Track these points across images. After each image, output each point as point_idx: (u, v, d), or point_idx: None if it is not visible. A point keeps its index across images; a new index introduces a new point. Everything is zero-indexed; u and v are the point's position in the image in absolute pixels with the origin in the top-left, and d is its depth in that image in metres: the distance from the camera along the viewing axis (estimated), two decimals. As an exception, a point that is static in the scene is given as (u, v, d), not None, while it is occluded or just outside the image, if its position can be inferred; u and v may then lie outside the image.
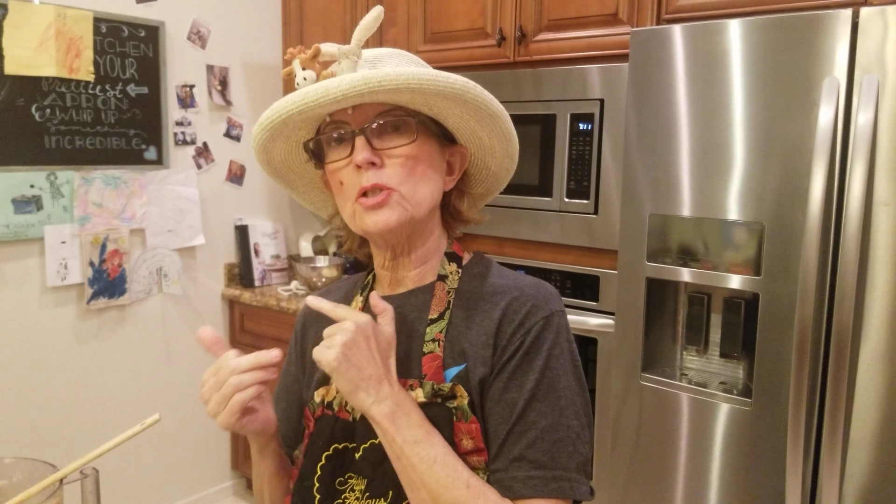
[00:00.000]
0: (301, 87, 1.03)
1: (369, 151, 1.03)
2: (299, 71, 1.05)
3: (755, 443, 2.00)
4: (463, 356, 1.07)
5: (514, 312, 1.07)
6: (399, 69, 0.98)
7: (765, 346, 1.97)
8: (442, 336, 1.09)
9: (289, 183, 1.25)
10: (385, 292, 1.18)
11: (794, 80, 1.88)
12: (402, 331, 1.11)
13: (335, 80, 0.98)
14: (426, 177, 1.09)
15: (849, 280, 1.77)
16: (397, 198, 1.05)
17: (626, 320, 2.24)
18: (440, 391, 1.03)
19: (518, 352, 1.05)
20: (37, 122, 2.93)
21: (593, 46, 2.54)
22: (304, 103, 0.99)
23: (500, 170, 1.22)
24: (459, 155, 1.15)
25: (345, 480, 1.05)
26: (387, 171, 1.04)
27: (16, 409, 2.98)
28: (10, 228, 2.87)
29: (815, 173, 1.80)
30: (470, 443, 1.02)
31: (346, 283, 1.32)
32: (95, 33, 3.06)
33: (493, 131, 1.12)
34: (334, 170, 1.08)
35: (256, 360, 1.02)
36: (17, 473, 0.95)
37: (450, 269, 1.16)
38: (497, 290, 1.12)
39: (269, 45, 3.86)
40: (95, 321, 3.21)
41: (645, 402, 2.21)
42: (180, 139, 3.45)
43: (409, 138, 1.05)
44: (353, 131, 1.04)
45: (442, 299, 1.12)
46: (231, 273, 3.78)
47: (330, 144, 1.08)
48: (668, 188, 2.12)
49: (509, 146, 1.16)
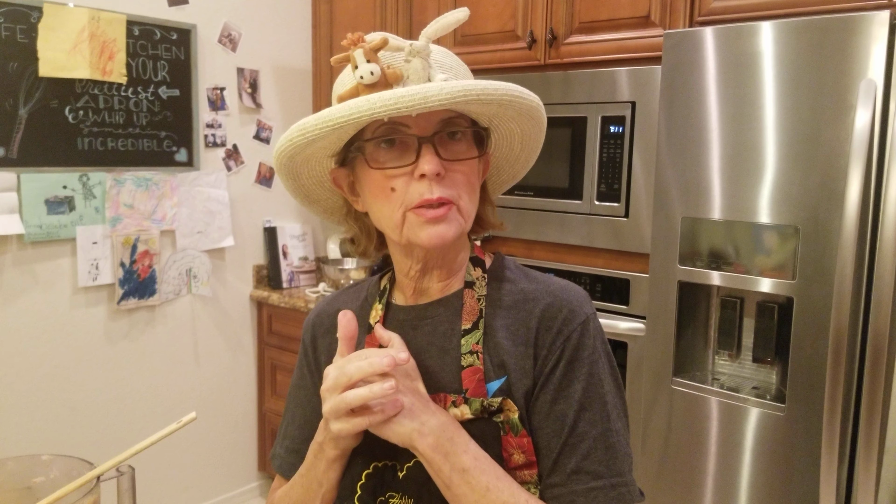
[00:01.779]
0: (366, 80, 0.96)
1: (439, 163, 0.98)
2: (363, 63, 0.96)
3: (788, 449, 1.97)
4: (503, 368, 1.04)
5: (550, 319, 1.05)
6: (495, 83, 0.95)
7: (799, 350, 1.95)
8: (480, 347, 1.05)
9: (292, 174, 1.13)
10: (407, 302, 1.15)
11: (829, 82, 1.86)
12: (433, 342, 1.09)
13: (434, 86, 0.91)
14: (476, 188, 1.06)
15: (886, 285, 1.75)
16: (455, 212, 1.01)
17: (658, 324, 2.22)
18: (489, 406, 1.00)
19: (560, 361, 1.03)
20: (70, 124, 2.96)
21: (624, 49, 2.52)
22: (396, 108, 0.90)
23: (509, 178, 1.21)
24: (485, 162, 1.12)
25: (385, 500, 1.02)
26: (450, 184, 1.00)
27: (46, 409, 3.01)
28: (42, 229, 2.90)
29: (852, 176, 1.78)
30: (521, 457, 1.00)
31: (356, 290, 1.26)
32: (128, 36, 3.09)
33: (525, 142, 1.12)
34: (387, 176, 1.01)
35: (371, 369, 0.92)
36: (55, 470, 0.96)
37: (476, 275, 1.13)
38: (528, 296, 1.09)
39: (299, 48, 3.88)
40: (126, 321, 3.23)
41: (675, 406, 2.19)
42: (210, 141, 3.47)
43: (474, 153, 1.03)
44: (419, 138, 0.98)
45: (473, 308, 1.09)
46: (259, 274, 3.80)
47: (380, 147, 1.01)
48: (699, 191, 2.10)
49: (533, 159, 1.16)
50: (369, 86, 0.96)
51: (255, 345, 3.81)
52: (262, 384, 3.82)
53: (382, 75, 0.96)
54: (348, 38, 0.97)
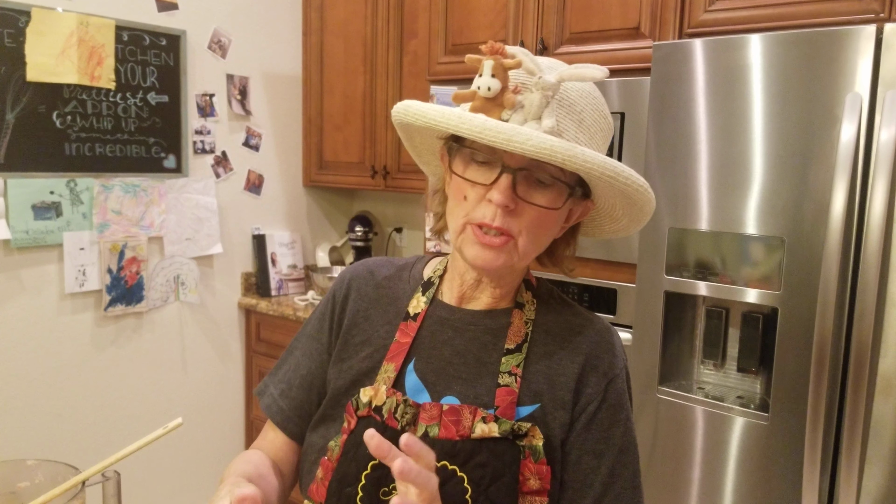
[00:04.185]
0: (481, 93, 0.95)
1: (510, 196, 0.97)
2: (487, 76, 0.95)
3: (771, 457, 1.99)
4: (538, 397, 1.07)
5: (596, 359, 1.09)
6: (597, 155, 0.93)
7: (783, 360, 1.96)
8: (519, 371, 1.07)
9: (406, 135, 1.15)
10: (452, 302, 1.16)
11: (816, 95, 1.88)
12: (472, 351, 1.11)
13: (523, 133, 0.90)
14: (548, 233, 1.06)
15: (869, 296, 1.76)
16: (511, 247, 1.01)
17: (644, 333, 2.23)
18: (518, 430, 1.01)
19: (604, 403, 1.08)
20: (57, 129, 2.95)
21: (615, 60, 2.54)
22: (479, 136, 0.92)
23: (611, 233, 1.18)
24: (584, 207, 1.09)
25: (389, 491, 1.01)
26: (517, 219, 1.00)
27: (32, 415, 2.99)
28: (29, 234, 2.89)
29: (837, 189, 1.79)
30: (537, 483, 1.01)
31: (399, 267, 1.25)
32: (117, 41, 3.09)
33: (633, 214, 1.09)
34: (465, 184, 1.02)
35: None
36: (40, 475, 0.96)
37: (526, 298, 1.15)
38: (575, 329, 1.12)
39: (289, 56, 3.88)
40: (113, 328, 3.22)
41: (661, 414, 2.20)
42: (199, 148, 3.47)
43: (555, 204, 1.01)
44: (505, 166, 0.98)
45: (519, 329, 1.11)
46: (248, 282, 3.79)
47: (470, 156, 1.02)
48: (687, 202, 2.12)
49: (637, 226, 1.13)
50: (484, 98, 0.96)
51: (243, 353, 3.81)
52: (249, 392, 3.81)
53: (499, 95, 0.96)
54: (490, 44, 0.96)
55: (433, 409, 1.04)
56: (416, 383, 1.09)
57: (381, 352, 1.13)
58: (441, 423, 1.02)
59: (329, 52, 3.76)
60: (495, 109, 0.96)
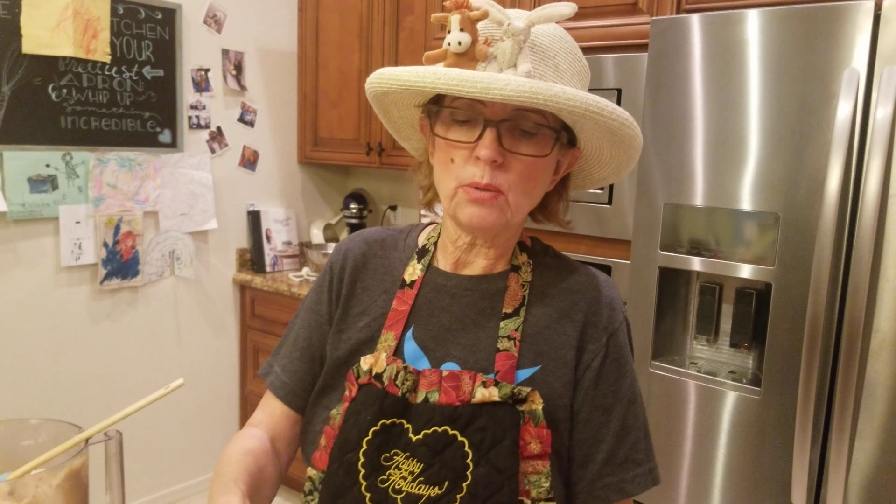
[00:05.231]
0: (453, 49, 0.95)
1: (497, 150, 0.97)
2: (455, 30, 0.94)
3: (763, 431, 2.00)
4: (539, 358, 1.07)
5: (595, 315, 1.10)
6: (578, 92, 0.92)
7: (776, 335, 1.97)
8: (518, 335, 1.08)
9: (382, 110, 1.15)
10: (447, 269, 1.16)
11: (814, 71, 1.88)
12: (469, 316, 1.11)
13: (501, 79, 0.89)
14: (538, 185, 1.06)
15: (862, 272, 1.77)
16: (502, 202, 1.01)
17: (638, 309, 2.25)
18: (518, 394, 1.01)
19: (607, 357, 1.09)
20: (53, 102, 2.94)
21: (612, 36, 2.54)
22: (457, 89, 0.91)
23: (601, 180, 1.19)
24: (571, 157, 1.10)
25: (390, 457, 1.01)
26: (506, 174, 1.00)
27: (28, 388, 3.00)
28: (25, 207, 2.89)
29: (832, 165, 1.80)
30: (538, 447, 1.01)
31: (393, 236, 1.25)
32: (112, 14, 3.08)
33: (621, 155, 1.09)
34: (449, 146, 1.02)
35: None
36: (43, 434, 0.97)
37: (521, 260, 1.15)
38: (573, 287, 1.13)
39: (285, 31, 3.87)
40: (108, 302, 3.23)
41: (654, 389, 2.21)
42: (195, 123, 3.46)
43: (542, 152, 1.01)
44: (487, 121, 0.98)
45: (516, 293, 1.11)
46: (243, 258, 3.80)
47: (451, 117, 1.02)
48: (682, 178, 2.12)
49: (627, 168, 1.13)
50: (455, 54, 0.95)
51: (238, 328, 3.81)
52: (244, 367, 3.82)
53: (471, 48, 0.95)
54: (452, 1, 0.94)
55: (433, 376, 1.04)
56: (416, 350, 1.10)
57: (380, 320, 1.14)
58: (441, 388, 1.03)
59: (325, 27, 3.75)
60: (469, 64, 0.96)
